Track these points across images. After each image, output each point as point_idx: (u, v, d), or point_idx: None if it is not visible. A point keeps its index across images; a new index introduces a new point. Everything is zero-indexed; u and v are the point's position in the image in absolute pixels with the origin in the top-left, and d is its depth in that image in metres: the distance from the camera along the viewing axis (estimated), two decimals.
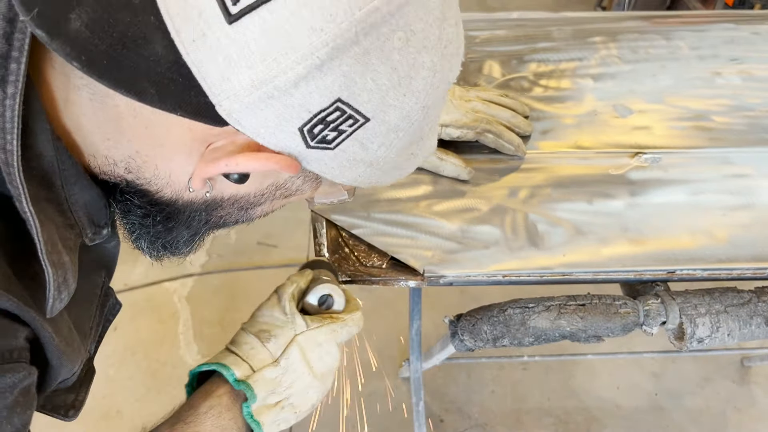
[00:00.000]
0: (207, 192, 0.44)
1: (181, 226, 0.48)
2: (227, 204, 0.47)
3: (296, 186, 0.48)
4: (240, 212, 0.49)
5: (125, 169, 0.43)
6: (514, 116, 0.89)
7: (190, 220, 0.47)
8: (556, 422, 1.61)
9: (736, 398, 1.67)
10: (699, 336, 0.76)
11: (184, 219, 0.47)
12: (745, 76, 1.07)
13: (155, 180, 0.44)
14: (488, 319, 0.77)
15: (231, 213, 0.49)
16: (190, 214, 0.47)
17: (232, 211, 0.48)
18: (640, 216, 0.83)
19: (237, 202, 0.47)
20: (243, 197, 0.47)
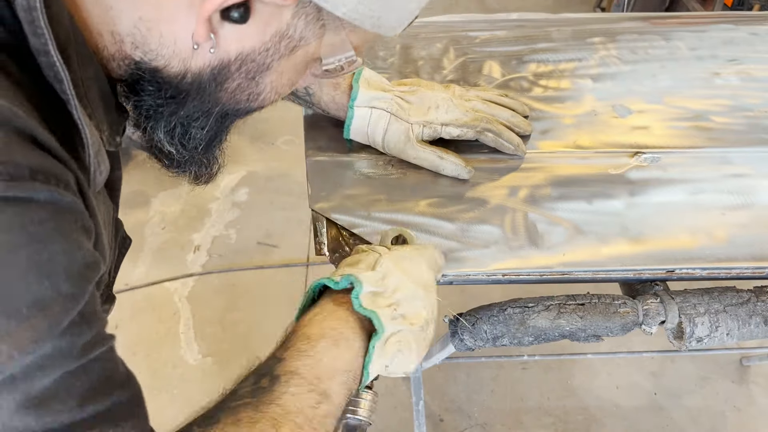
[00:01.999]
0: (211, 48, 0.44)
1: (194, 101, 0.48)
2: (234, 70, 0.47)
3: (299, 32, 0.47)
4: (249, 83, 0.49)
5: (131, 44, 0.44)
6: (513, 116, 0.90)
7: (201, 93, 0.48)
8: (556, 421, 1.62)
9: (735, 397, 1.67)
10: (698, 335, 0.76)
11: (195, 93, 0.47)
12: (744, 76, 1.07)
13: (161, 50, 0.44)
14: (488, 319, 0.77)
15: (241, 85, 0.48)
16: (200, 87, 0.47)
17: (241, 81, 0.48)
18: (639, 215, 0.83)
19: (244, 66, 0.47)
20: (249, 56, 0.46)
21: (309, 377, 0.54)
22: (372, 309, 0.58)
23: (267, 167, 2.30)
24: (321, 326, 0.58)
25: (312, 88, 0.87)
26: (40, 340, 0.35)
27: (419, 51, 1.10)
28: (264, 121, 2.46)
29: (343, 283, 0.59)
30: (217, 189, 2.21)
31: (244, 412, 0.49)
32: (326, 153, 0.90)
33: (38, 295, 0.35)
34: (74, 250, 0.38)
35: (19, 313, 0.34)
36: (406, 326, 0.60)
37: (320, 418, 0.53)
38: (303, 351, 0.55)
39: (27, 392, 0.35)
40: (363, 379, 0.59)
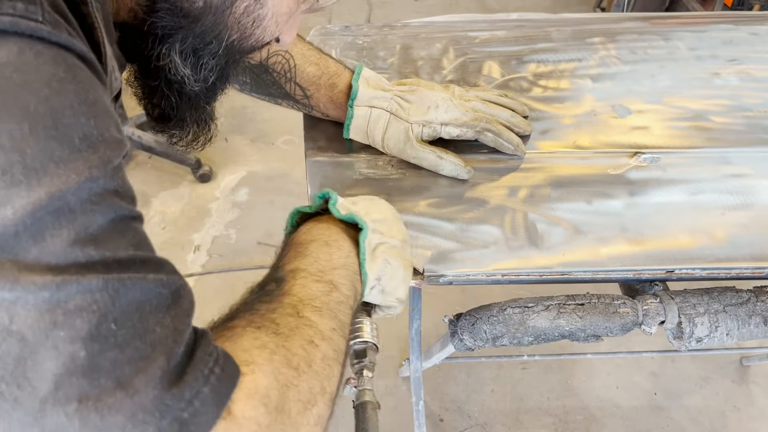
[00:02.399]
0: None
1: (206, 21, 0.50)
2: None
3: None
4: (255, 5, 0.51)
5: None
6: (513, 116, 0.90)
7: (213, 13, 0.50)
8: (556, 421, 1.62)
9: (735, 397, 1.67)
10: (698, 335, 0.76)
11: (207, 13, 0.50)
12: (743, 76, 1.07)
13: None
14: (488, 319, 0.77)
15: (248, 7, 0.51)
16: (211, 6, 0.49)
17: (249, 2, 0.51)
18: (638, 215, 0.83)
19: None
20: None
21: (311, 271, 0.55)
22: (350, 213, 0.61)
23: (267, 167, 2.30)
24: (309, 233, 0.60)
25: (310, 90, 0.87)
26: (95, 169, 0.35)
27: (419, 51, 1.10)
28: (264, 121, 2.46)
29: (317, 201, 0.63)
30: (217, 189, 2.21)
31: (260, 306, 0.50)
32: (326, 153, 0.90)
33: (87, 131, 0.36)
34: (111, 109, 0.39)
35: (71, 142, 0.35)
36: (387, 239, 0.63)
37: (335, 305, 0.54)
38: (298, 253, 0.58)
39: (85, 226, 0.35)
40: (363, 280, 0.61)
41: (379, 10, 3.31)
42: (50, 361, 0.33)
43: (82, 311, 0.34)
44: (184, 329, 0.39)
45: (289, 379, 0.45)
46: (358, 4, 3.34)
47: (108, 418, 0.34)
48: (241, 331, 0.47)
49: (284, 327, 0.48)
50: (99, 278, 0.34)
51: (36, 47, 0.34)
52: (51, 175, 0.33)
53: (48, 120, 0.34)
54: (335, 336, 0.52)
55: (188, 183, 2.22)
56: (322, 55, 0.88)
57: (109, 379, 0.34)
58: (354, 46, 1.10)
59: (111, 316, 0.35)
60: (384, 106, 0.84)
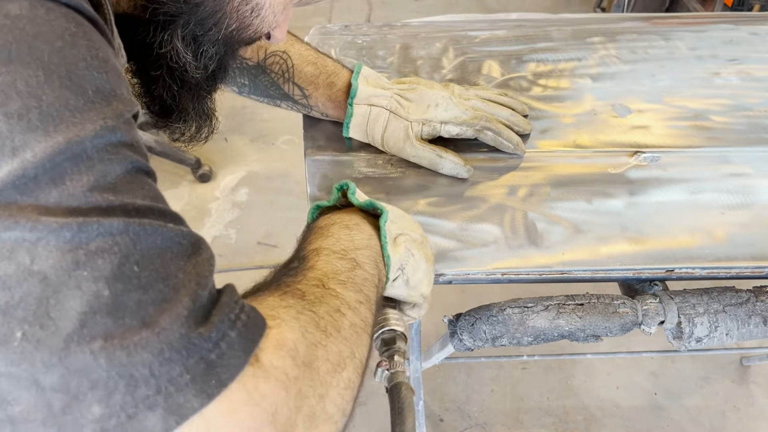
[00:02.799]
0: None
1: (206, 8, 0.51)
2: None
3: None
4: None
5: None
6: (513, 115, 0.90)
7: (212, 2, 0.51)
8: (556, 421, 1.61)
9: (735, 397, 1.67)
10: (697, 335, 0.76)
11: (207, 4, 0.51)
12: (743, 76, 1.07)
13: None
14: (487, 319, 0.77)
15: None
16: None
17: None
18: (638, 215, 0.83)
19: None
20: None
21: (335, 249, 0.55)
22: (370, 200, 0.62)
23: (267, 167, 2.30)
24: (329, 219, 0.61)
25: (308, 89, 0.87)
26: (109, 120, 0.36)
27: (418, 50, 1.10)
28: (264, 121, 2.46)
29: (336, 193, 0.64)
30: (217, 189, 2.21)
31: (286, 279, 0.50)
32: (325, 152, 0.90)
33: (99, 84, 0.36)
34: (119, 69, 0.39)
35: (86, 93, 0.35)
36: (407, 232, 0.63)
37: (360, 280, 0.54)
38: (320, 234, 0.58)
39: (103, 173, 0.35)
40: (386, 263, 0.60)
41: (379, 10, 3.31)
42: (74, 300, 0.32)
43: (103, 252, 0.33)
44: (207, 275, 0.39)
45: (317, 338, 0.44)
46: (358, 4, 3.35)
47: (134, 356, 0.33)
48: (267, 295, 0.46)
49: (311, 295, 0.48)
50: (120, 221, 0.34)
51: (47, 4, 0.35)
52: (67, 122, 0.34)
53: (62, 70, 0.34)
54: (362, 308, 0.51)
55: (188, 183, 2.22)
56: (319, 54, 0.88)
57: (134, 318, 0.34)
58: (354, 45, 1.10)
59: (133, 258, 0.34)
60: (384, 104, 0.84)
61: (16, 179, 0.32)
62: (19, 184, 0.32)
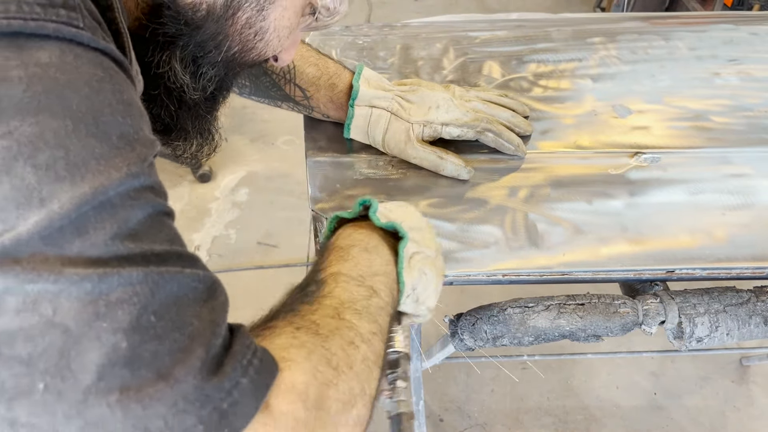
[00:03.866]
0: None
1: (207, 30, 0.51)
2: (245, 0, 0.51)
3: None
4: (257, 16, 0.52)
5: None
6: (514, 116, 0.90)
7: (214, 23, 0.51)
8: (556, 421, 1.62)
9: (735, 397, 1.67)
10: (698, 335, 0.76)
11: (209, 22, 0.51)
12: (743, 76, 1.07)
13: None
14: (488, 319, 0.77)
15: (250, 19, 0.52)
16: (213, 15, 0.51)
17: (250, 14, 0.52)
18: (639, 215, 0.83)
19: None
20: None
21: (353, 275, 0.56)
22: (391, 221, 0.61)
23: (267, 167, 2.30)
24: (350, 238, 0.61)
25: (309, 90, 0.87)
26: (133, 166, 0.36)
27: (419, 51, 1.10)
28: (264, 122, 2.46)
29: (357, 208, 0.63)
30: (217, 189, 2.21)
31: (301, 307, 0.50)
32: (326, 153, 0.90)
33: (124, 130, 0.37)
34: (143, 110, 0.40)
35: (110, 139, 0.36)
36: (423, 248, 0.63)
37: (375, 309, 0.54)
38: (339, 257, 0.58)
39: (125, 220, 0.36)
40: (400, 289, 0.60)
41: (379, 10, 3.31)
42: (93, 352, 0.33)
43: (123, 303, 0.34)
44: (221, 322, 0.40)
45: (328, 378, 0.45)
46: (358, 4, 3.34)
47: (149, 408, 0.34)
48: (279, 331, 0.47)
49: (324, 328, 0.48)
50: (139, 271, 0.35)
51: (75, 50, 0.36)
52: (93, 171, 0.34)
53: (89, 118, 0.35)
54: (375, 340, 0.52)
55: (188, 183, 2.22)
56: (320, 55, 0.88)
57: (149, 369, 0.35)
58: (354, 46, 1.10)
59: (151, 308, 0.35)
60: (385, 105, 0.84)
61: (42, 230, 0.33)
62: (45, 234, 0.33)
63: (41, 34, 0.35)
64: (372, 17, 3.24)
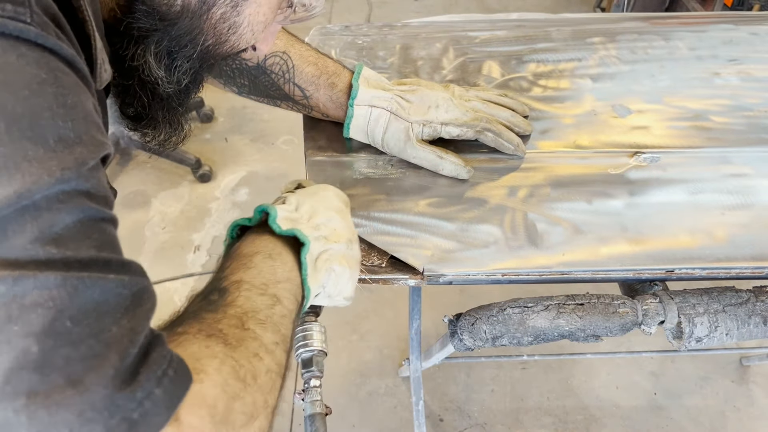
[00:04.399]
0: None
1: (182, 26, 0.51)
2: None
3: None
4: (232, 12, 0.52)
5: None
6: (513, 116, 0.90)
7: (189, 18, 0.51)
8: (556, 421, 1.62)
9: (734, 397, 1.67)
10: (697, 335, 0.76)
11: (183, 17, 0.51)
12: (743, 76, 1.07)
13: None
14: (487, 319, 0.77)
15: (224, 14, 0.52)
16: (188, 11, 0.51)
17: (225, 10, 0.52)
18: (638, 215, 0.83)
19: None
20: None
21: (256, 283, 0.55)
22: (291, 228, 0.61)
23: (267, 167, 2.30)
24: (253, 245, 0.60)
25: (309, 90, 0.87)
26: (67, 170, 0.36)
27: (419, 51, 1.10)
28: (264, 121, 2.46)
29: (257, 215, 0.62)
30: (217, 189, 2.21)
31: (206, 315, 0.50)
32: (326, 153, 0.90)
33: (63, 134, 0.36)
34: (92, 111, 0.39)
35: (46, 142, 0.35)
36: (330, 245, 0.63)
37: (278, 317, 0.54)
38: (242, 264, 0.57)
39: (50, 224, 0.35)
40: (305, 294, 0.60)
41: (379, 10, 3.31)
42: (2, 355, 0.33)
43: (37, 307, 0.34)
44: (140, 330, 0.39)
45: (236, 391, 0.45)
46: (358, 4, 3.35)
47: (56, 415, 0.33)
48: (191, 338, 0.47)
49: (232, 338, 0.48)
50: (57, 275, 0.35)
51: (20, 49, 0.35)
52: (23, 173, 0.34)
53: (25, 120, 0.34)
54: (278, 350, 0.52)
55: (188, 183, 2.22)
56: (320, 55, 0.88)
57: (60, 375, 0.34)
58: (354, 45, 1.10)
59: (67, 313, 0.35)
60: (384, 105, 0.84)
61: None
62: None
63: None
64: (372, 17, 3.24)
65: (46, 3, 0.37)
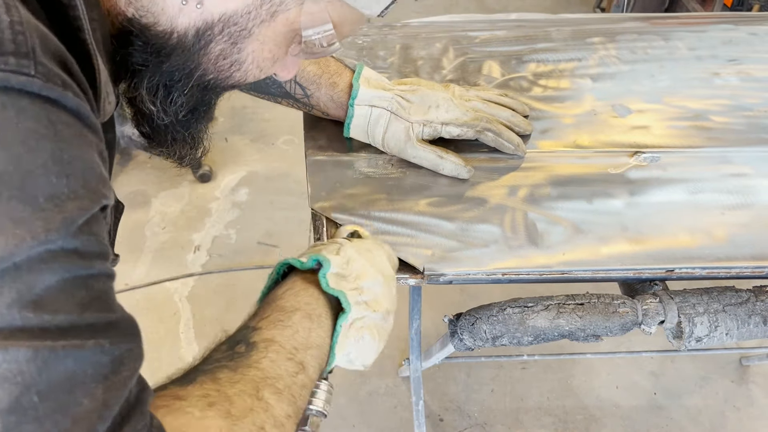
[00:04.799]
0: (198, 4, 0.47)
1: (177, 60, 0.50)
2: (218, 32, 0.49)
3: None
4: (232, 49, 0.51)
5: (126, 1, 0.47)
6: (513, 115, 0.90)
7: (184, 53, 0.50)
8: (556, 421, 1.62)
9: (734, 397, 1.67)
10: (697, 335, 0.76)
11: (179, 51, 0.50)
12: (743, 76, 1.07)
13: (151, 7, 0.47)
14: (487, 319, 0.77)
15: (224, 51, 0.50)
16: (184, 47, 0.49)
17: (224, 47, 0.50)
18: (639, 215, 0.83)
19: (227, 28, 0.49)
20: (231, 18, 0.49)
21: (287, 346, 0.55)
22: (339, 289, 0.60)
23: (267, 167, 2.30)
24: (295, 300, 0.59)
25: (310, 89, 0.87)
26: (53, 231, 0.34)
27: (419, 51, 1.10)
28: (264, 121, 2.46)
29: (310, 262, 0.61)
30: (217, 189, 2.21)
31: (222, 373, 0.49)
32: (326, 152, 0.90)
33: (56, 191, 0.35)
34: (93, 162, 0.38)
35: (35, 201, 0.34)
36: (368, 312, 0.61)
37: (298, 388, 0.53)
38: (279, 321, 0.56)
39: (30, 286, 0.34)
40: (329, 360, 0.60)
41: None
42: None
43: (5, 381, 0.33)
44: (114, 403, 0.37)
45: None
46: None
47: None
48: (189, 404, 0.45)
49: (237, 407, 0.47)
50: (29, 348, 0.33)
51: (21, 103, 0.34)
52: (6, 235, 0.33)
53: (15, 179, 0.34)
54: (288, 423, 0.51)
55: (188, 183, 2.22)
56: None
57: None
58: (354, 45, 1.10)
59: (35, 389, 0.33)
60: (385, 105, 0.84)
61: None
62: None
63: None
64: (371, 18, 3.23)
65: (52, 46, 0.37)
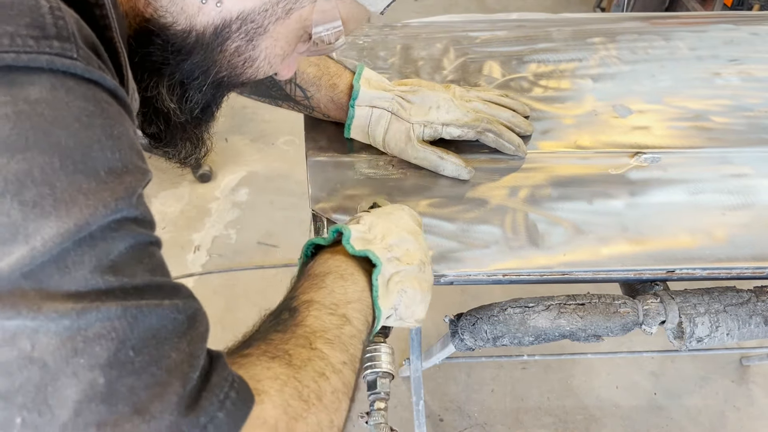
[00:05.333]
0: (218, 3, 0.48)
1: (196, 58, 0.52)
2: (235, 29, 0.50)
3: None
4: (247, 46, 0.52)
5: (144, 1, 0.48)
6: (514, 116, 0.90)
7: (203, 51, 0.51)
8: (556, 421, 1.62)
9: (734, 397, 1.67)
10: (698, 335, 0.76)
11: (197, 50, 0.51)
12: (744, 76, 1.07)
13: (170, 7, 0.49)
14: (488, 319, 0.77)
15: (239, 48, 0.52)
16: (202, 45, 0.51)
17: (240, 44, 0.52)
18: (639, 215, 0.83)
19: (244, 26, 0.50)
20: (249, 16, 0.50)
21: (326, 303, 0.56)
22: (365, 249, 0.61)
23: (267, 167, 2.30)
24: (325, 265, 0.61)
25: (310, 91, 0.87)
26: (120, 200, 0.36)
27: (419, 51, 1.10)
28: (264, 122, 2.46)
29: (331, 235, 0.63)
30: (217, 189, 2.21)
31: (275, 336, 0.51)
32: (327, 153, 0.90)
33: (113, 165, 0.37)
34: (134, 138, 0.40)
35: (98, 174, 0.36)
36: (403, 267, 0.63)
37: (347, 338, 0.55)
38: (313, 284, 0.58)
39: (107, 252, 0.36)
40: (376, 315, 0.61)
41: None
42: (70, 388, 0.34)
43: (101, 338, 0.35)
44: (199, 354, 0.40)
45: (298, 411, 0.46)
46: None
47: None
48: (255, 360, 0.48)
49: (297, 358, 0.49)
50: (118, 305, 0.36)
51: (68, 83, 0.36)
52: (80, 206, 0.35)
53: (77, 154, 0.35)
54: (345, 369, 0.52)
55: (188, 183, 2.22)
56: (321, 56, 0.88)
57: (126, 405, 0.35)
58: (354, 46, 1.10)
59: (129, 343, 0.36)
60: (385, 106, 0.84)
61: (23, 266, 0.33)
62: (26, 271, 0.33)
63: (34, 67, 0.35)
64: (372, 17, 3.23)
65: (87, 34, 0.38)
